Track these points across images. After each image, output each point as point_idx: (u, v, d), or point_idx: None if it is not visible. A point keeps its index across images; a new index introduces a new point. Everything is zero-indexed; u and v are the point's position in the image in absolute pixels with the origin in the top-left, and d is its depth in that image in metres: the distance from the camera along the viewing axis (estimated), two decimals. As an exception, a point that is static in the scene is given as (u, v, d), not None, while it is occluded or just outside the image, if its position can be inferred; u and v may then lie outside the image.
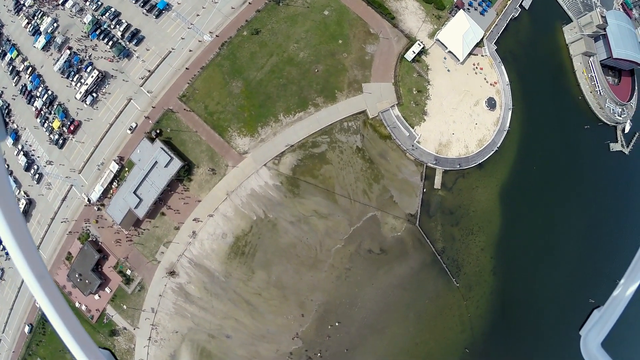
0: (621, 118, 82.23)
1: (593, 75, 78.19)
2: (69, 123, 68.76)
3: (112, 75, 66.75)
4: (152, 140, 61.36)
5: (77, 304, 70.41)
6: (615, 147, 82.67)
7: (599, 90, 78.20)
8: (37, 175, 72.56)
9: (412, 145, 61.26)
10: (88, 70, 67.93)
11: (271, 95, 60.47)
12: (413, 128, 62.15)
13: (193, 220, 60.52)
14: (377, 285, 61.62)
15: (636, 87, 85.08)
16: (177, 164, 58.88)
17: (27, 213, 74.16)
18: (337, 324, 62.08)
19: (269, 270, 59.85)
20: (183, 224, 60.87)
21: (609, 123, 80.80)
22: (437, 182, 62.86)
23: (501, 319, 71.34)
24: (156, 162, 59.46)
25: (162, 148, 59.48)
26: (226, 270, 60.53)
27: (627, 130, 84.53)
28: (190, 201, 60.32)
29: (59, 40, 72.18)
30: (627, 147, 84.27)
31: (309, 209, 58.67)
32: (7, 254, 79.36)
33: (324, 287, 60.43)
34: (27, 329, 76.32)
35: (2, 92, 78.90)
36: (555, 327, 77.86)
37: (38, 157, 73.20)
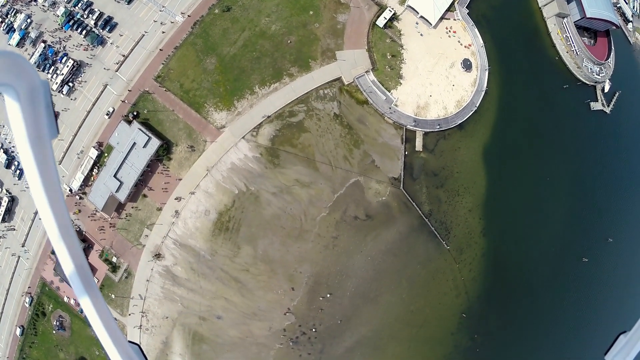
0: (600, 77, 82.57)
1: (568, 35, 78.75)
2: (46, 115, 68.33)
3: (87, 64, 66.71)
4: (129, 122, 61.03)
5: (65, 299, 69.29)
6: (596, 106, 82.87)
7: (575, 50, 78.65)
8: (17, 172, 71.88)
9: (390, 109, 61.19)
10: (63, 60, 67.91)
11: (245, 69, 60.47)
12: (390, 92, 62.16)
13: (175, 199, 59.89)
14: (366, 253, 60.91)
15: (612, 47, 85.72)
16: (155, 143, 58.48)
17: (10, 211, 73.33)
18: (328, 296, 61.19)
19: (255, 244, 59.09)
20: (165, 204, 60.23)
21: (587, 82, 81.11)
22: (419, 144, 62.63)
23: (495, 281, 70.63)
24: (135, 144, 59.07)
25: (139, 129, 59.16)
26: (211, 248, 59.74)
27: (606, 89, 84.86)
28: (170, 180, 59.79)
29: (33, 35, 72.17)
30: (608, 106, 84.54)
31: (290, 179, 58.21)
32: (-8, 255, 78.30)
33: (312, 258, 59.66)
34: (18, 331, 74.81)
35: (-20, 94, 78.69)
36: (548, 286, 77.19)
37: (18, 153, 72.55)
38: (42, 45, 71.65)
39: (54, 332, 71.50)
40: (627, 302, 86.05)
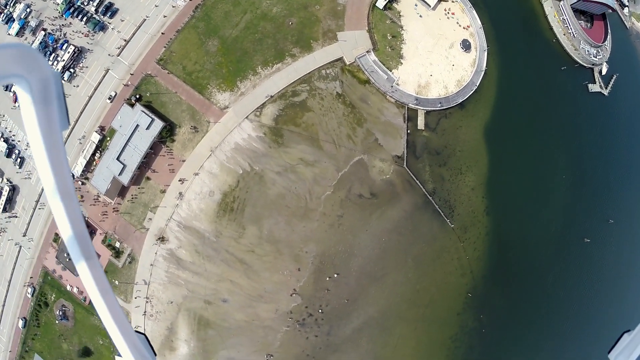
0: (597, 59, 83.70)
1: (565, 18, 79.84)
2: (47, 102, 68.11)
3: (89, 49, 66.67)
4: (132, 105, 60.91)
5: (68, 287, 68.47)
6: (593, 88, 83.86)
7: (572, 33, 79.73)
8: (18, 160, 71.27)
9: (392, 87, 61.58)
10: (64, 47, 67.85)
11: (248, 51, 60.72)
12: (391, 71, 62.60)
13: (179, 181, 59.66)
14: (371, 231, 60.88)
15: (609, 31, 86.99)
16: (158, 124, 58.37)
17: (11, 200, 72.65)
18: (335, 276, 60.95)
19: (260, 224, 58.89)
20: (169, 186, 59.96)
21: (585, 65, 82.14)
22: (420, 123, 62.99)
23: (499, 260, 70.77)
24: (137, 126, 58.90)
25: (142, 111, 59.06)
26: (216, 229, 59.45)
27: (604, 72, 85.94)
28: (174, 162, 59.60)
29: (32, 23, 72.06)
30: (606, 88, 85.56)
31: (294, 158, 58.23)
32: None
33: (317, 237, 59.53)
34: (20, 323, 73.73)
35: (-21, 85, 78.30)
36: (551, 266, 77.44)
37: (19, 141, 72.12)
38: (42, 33, 71.56)
39: (56, 322, 70.50)
40: (630, 296, 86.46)
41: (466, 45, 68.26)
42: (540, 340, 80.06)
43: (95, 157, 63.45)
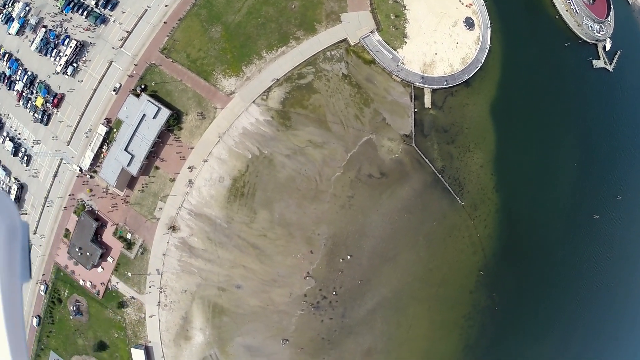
0: (600, 35, 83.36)
1: (566, -6, 79.50)
2: (52, 98, 67.90)
3: (91, 43, 66.44)
4: (137, 96, 60.76)
5: (81, 282, 68.46)
6: (598, 64, 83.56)
7: (575, 9, 79.37)
8: (25, 158, 71.19)
9: (397, 66, 61.38)
10: (65, 42, 67.61)
11: (251, 35, 60.51)
12: (396, 51, 62.39)
13: (188, 168, 59.56)
14: (382, 211, 60.83)
15: (612, 6, 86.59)
16: (165, 113, 58.23)
17: (19, 198, 72.58)
18: (348, 257, 60.91)
19: (271, 208, 58.86)
20: (178, 174, 59.88)
21: (589, 40, 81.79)
22: (427, 101, 62.83)
23: (510, 237, 70.77)
24: (144, 115, 58.75)
25: (148, 100, 58.89)
26: (227, 215, 59.41)
27: (608, 48, 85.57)
28: (183, 150, 59.49)
29: (32, 21, 71.76)
30: (610, 64, 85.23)
31: (303, 140, 58.13)
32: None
33: (329, 219, 59.50)
34: (35, 321, 73.84)
35: (-19, 85, 78.18)
36: (562, 243, 77.38)
37: (24, 139, 71.96)
38: (43, 30, 71.34)
39: (71, 318, 70.53)
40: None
41: (469, 23, 67.98)
42: (551, 318, 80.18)
43: (103, 150, 63.31)
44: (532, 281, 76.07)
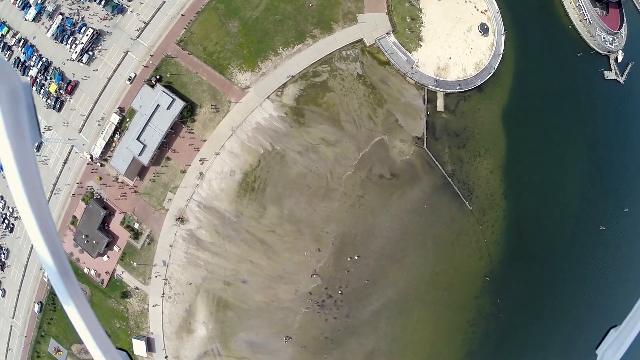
0: (613, 47, 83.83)
1: (580, 4, 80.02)
2: (65, 85, 68.15)
3: (108, 32, 66.75)
4: (152, 86, 60.98)
5: (85, 270, 68.29)
6: (609, 75, 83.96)
7: (588, 19, 79.90)
8: (36, 144, 71.24)
9: (412, 69, 61.67)
10: (82, 30, 67.95)
11: (268, 32, 60.83)
12: (410, 53, 62.72)
13: (199, 161, 59.63)
14: (391, 212, 60.82)
15: (624, 18, 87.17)
16: (179, 104, 58.40)
17: (27, 184, 72.49)
18: (356, 258, 60.80)
19: (281, 204, 58.85)
20: (189, 166, 59.94)
21: (601, 52, 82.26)
22: (440, 104, 63.07)
23: (516, 245, 70.71)
24: (158, 106, 58.93)
25: (163, 91, 59.09)
26: (237, 209, 59.39)
27: (619, 59, 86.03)
28: (195, 142, 59.58)
29: (50, 8, 72.20)
30: (622, 76, 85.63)
31: (316, 137, 58.24)
32: (10, 231, 77.27)
33: (338, 218, 59.47)
34: (36, 307, 73.56)
35: (-5, 70, 78.33)
36: (567, 253, 77.29)
37: None
38: (60, 17, 71.81)
39: (73, 305, 70.35)
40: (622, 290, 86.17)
41: (484, 29, 68.38)
42: (554, 328, 79.97)
43: (115, 139, 63.43)
44: (537, 290, 75.83)
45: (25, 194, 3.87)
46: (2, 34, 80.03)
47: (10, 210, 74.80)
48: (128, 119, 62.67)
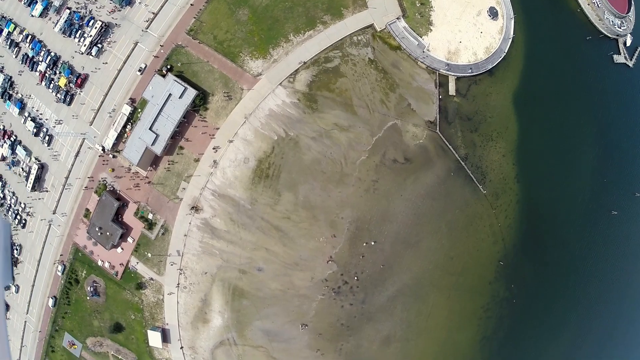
0: (621, 30, 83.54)
1: (587, -13, 79.69)
2: (75, 78, 68.03)
3: (116, 24, 66.62)
4: (163, 76, 60.83)
5: (99, 262, 68.25)
6: (618, 59, 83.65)
7: (596, 2, 79.69)
8: (47, 138, 71.25)
9: (423, 53, 61.49)
10: (90, 24, 67.78)
11: (279, 19, 60.68)
12: (421, 38, 62.55)
13: (213, 149, 59.50)
14: (406, 197, 60.71)
15: (632, 1, 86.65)
16: (191, 92, 58.26)
17: (39, 178, 72.49)
18: (373, 243, 60.60)
19: (296, 190, 58.72)
20: (203, 154, 59.82)
21: (609, 35, 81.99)
22: (452, 88, 62.92)
23: (529, 228, 70.54)
24: (170, 95, 58.79)
25: (175, 80, 58.96)
26: (251, 196, 59.27)
27: (628, 43, 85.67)
28: (208, 130, 59.47)
29: (57, 3, 72.03)
30: (631, 60, 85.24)
31: (329, 123, 58.11)
32: (23, 226, 76.91)
33: (353, 203, 59.35)
34: (50, 302, 73.63)
35: (2, 67, 78.25)
36: (579, 238, 77.05)
37: (46, 119, 72.05)
38: (67, 11, 71.60)
39: (87, 298, 70.24)
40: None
41: (493, 13, 68.16)
42: (567, 313, 79.78)
43: (127, 129, 63.30)
44: (549, 274, 75.63)
45: None
46: (9, 31, 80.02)
47: (23, 205, 74.85)
48: (139, 110, 62.55)
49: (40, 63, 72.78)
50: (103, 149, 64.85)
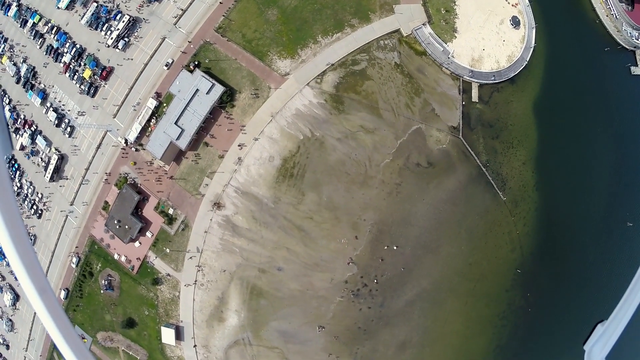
0: (639, 42, 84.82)
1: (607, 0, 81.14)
2: (100, 70, 68.39)
3: (144, 19, 67.18)
4: (190, 71, 61.24)
5: (115, 256, 67.85)
6: (636, 70, 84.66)
7: (615, 14, 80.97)
8: (68, 129, 71.26)
9: (448, 59, 62.21)
10: (118, 17, 68.36)
11: (307, 20, 61.37)
12: (446, 44, 63.32)
13: (238, 146, 59.67)
14: (428, 201, 60.85)
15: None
16: (219, 89, 58.62)
17: (59, 169, 72.35)
18: (395, 248, 60.53)
19: (319, 190, 58.80)
20: (227, 151, 59.96)
21: (627, 47, 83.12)
22: (475, 95, 63.53)
23: (547, 237, 70.64)
24: (197, 90, 59.12)
25: (203, 76, 59.34)
26: (275, 195, 59.32)
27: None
28: (234, 127, 59.69)
29: (84, -4, 72.88)
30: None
31: (355, 125, 58.47)
32: (38, 217, 76.56)
33: (376, 205, 59.44)
34: (62, 294, 72.90)
35: (25, 57, 78.63)
36: (595, 248, 77.21)
37: (68, 110, 72.15)
38: (94, 5, 72.21)
39: (101, 292, 69.66)
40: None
41: (515, 22, 69.16)
42: (580, 324, 79.63)
43: (151, 123, 63.48)
44: (565, 283, 75.71)
45: None
46: (34, 22, 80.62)
47: (39, 195, 74.57)
48: (165, 104, 62.81)
49: (65, 54, 73.11)
50: (126, 142, 64.96)
